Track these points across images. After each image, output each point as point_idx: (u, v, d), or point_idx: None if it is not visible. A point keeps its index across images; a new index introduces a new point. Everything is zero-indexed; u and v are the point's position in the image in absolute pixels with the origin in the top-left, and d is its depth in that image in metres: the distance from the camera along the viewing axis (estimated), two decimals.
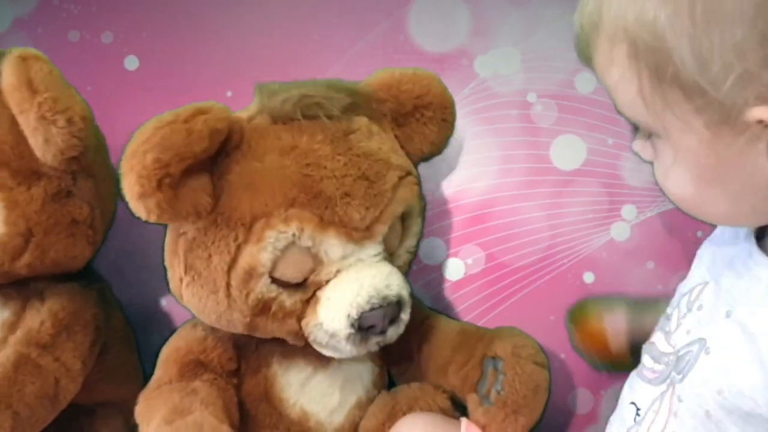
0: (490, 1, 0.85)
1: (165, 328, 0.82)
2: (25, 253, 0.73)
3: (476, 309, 0.86)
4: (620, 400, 0.67)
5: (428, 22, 0.86)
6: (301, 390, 0.76)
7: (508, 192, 0.85)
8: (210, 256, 0.67)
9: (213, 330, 0.76)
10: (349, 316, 0.67)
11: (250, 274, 0.67)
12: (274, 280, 0.68)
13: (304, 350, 0.75)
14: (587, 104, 0.83)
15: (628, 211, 0.83)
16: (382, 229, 0.70)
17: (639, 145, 0.56)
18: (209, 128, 0.64)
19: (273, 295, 0.68)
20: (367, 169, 0.69)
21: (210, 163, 0.66)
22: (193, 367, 0.74)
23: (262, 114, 0.70)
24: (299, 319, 0.69)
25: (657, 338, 0.63)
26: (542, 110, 0.84)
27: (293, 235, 0.66)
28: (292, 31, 0.87)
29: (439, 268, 0.87)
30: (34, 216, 0.72)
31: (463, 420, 0.74)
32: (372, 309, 0.67)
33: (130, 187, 0.63)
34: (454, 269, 0.87)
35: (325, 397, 0.77)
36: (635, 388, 0.63)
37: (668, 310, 0.64)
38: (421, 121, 0.76)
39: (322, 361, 0.76)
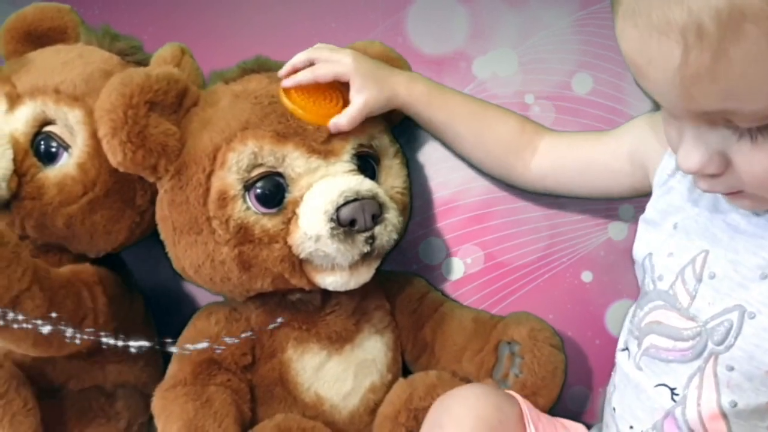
0: (487, 3, 0.86)
1: (181, 317, 0.83)
2: (74, 204, 0.75)
3: (476, 308, 0.86)
4: (630, 388, 0.65)
5: (426, 25, 0.87)
6: (315, 375, 0.78)
7: (507, 192, 0.85)
8: (188, 198, 0.71)
9: (227, 323, 0.78)
10: (326, 212, 0.68)
11: (224, 199, 0.70)
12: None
13: (318, 335, 0.77)
14: (584, 105, 0.84)
15: (626, 210, 0.83)
16: (344, 146, 0.73)
17: (702, 157, 0.52)
18: (165, 73, 0.70)
19: (252, 218, 0.70)
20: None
21: (174, 119, 0.71)
22: (206, 367, 0.76)
23: (216, 83, 0.77)
24: (285, 240, 0.70)
25: (664, 316, 0.62)
26: (540, 111, 0.84)
27: (253, 153, 0.70)
28: (291, 34, 0.88)
29: (438, 268, 0.88)
30: (105, 173, 0.75)
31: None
32: (347, 202, 0.68)
33: (101, 128, 0.68)
34: (454, 269, 0.87)
35: (338, 382, 0.78)
36: (653, 370, 0.62)
37: (661, 286, 0.63)
38: None
39: (336, 345, 0.78)
